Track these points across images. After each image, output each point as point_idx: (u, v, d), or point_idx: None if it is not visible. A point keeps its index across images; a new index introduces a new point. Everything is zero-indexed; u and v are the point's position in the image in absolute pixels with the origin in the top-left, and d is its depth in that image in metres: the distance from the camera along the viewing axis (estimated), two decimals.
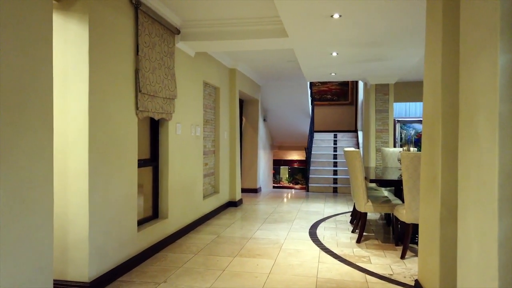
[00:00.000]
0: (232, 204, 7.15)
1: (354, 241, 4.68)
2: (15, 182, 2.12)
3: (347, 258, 3.99)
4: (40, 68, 2.30)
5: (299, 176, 17.43)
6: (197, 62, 5.42)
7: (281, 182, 17.45)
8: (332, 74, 7.51)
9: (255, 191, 9.06)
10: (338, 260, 3.94)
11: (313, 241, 4.68)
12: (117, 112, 3.43)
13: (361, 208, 4.66)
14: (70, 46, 3.04)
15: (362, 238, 4.70)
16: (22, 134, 2.17)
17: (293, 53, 5.99)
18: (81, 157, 3.03)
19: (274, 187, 13.42)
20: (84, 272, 3.03)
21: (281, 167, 17.60)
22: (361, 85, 11.34)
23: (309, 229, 5.31)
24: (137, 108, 3.74)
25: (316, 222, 5.81)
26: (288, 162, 16.99)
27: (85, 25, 3.02)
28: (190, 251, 4.23)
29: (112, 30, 3.34)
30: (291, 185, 17.09)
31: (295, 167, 17.42)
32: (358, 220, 5.04)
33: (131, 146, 3.68)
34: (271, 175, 12.75)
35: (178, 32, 4.60)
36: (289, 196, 8.70)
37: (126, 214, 3.61)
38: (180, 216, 4.88)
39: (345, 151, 5.04)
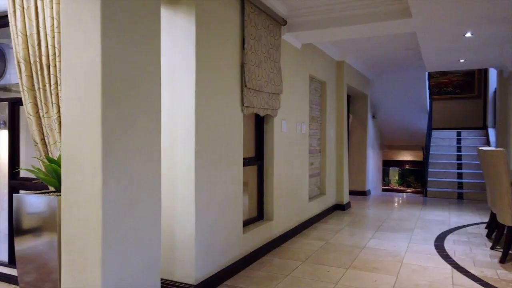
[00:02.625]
0: (339, 207, 6.65)
1: (496, 260, 3.81)
2: (123, 179, 2.06)
3: (491, 283, 3.22)
4: (148, 64, 2.21)
5: (412, 178, 15.89)
6: (303, 54, 5.09)
7: (390, 185, 16.13)
8: (461, 61, 6.45)
9: (363, 194, 8.37)
10: (479, 284, 3.19)
11: (442, 257, 3.95)
12: (223, 109, 3.29)
13: (506, 221, 3.78)
14: (177, 40, 2.96)
15: (508, 257, 3.81)
16: (131, 131, 2.10)
17: (413, 38, 5.24)
18: (188, 154, 2.94)
19: (383, 189, 12.39)
20: (191, 273, 2.93)
21: (390, 168, 16.27)
22: (492, 74, 9.68)
23: (435, 242, 4.54)
24: (242, 104, 3.55)
25: (442, 233, 4.98)
26: (399, 163, 15.60)
27: (192, 19, 2.92)
28: (297, 258, 3.90)
29: (218, 22, 3.20)
30: (402, 188, 15.67)
31: (407, 169, 15.93)
32: (500, 234, 4.13)
33: (236, 144, 3.51)
34: (381, 177, 11.77)
35: (285, 22, 4.32)
36: (403, 201, 7.81)
37: (232, 214, 3.45)
38: (286, 218, 4.60)
39: (481, 151, 4.17)
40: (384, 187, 13.66)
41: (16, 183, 3.40)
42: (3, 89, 4.76)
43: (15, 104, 3.46)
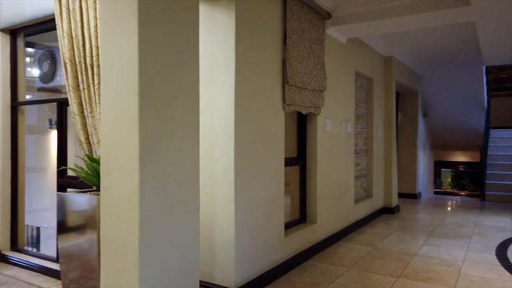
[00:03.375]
0: (388, 210, 6.30)
1: None
2: (161, 179, 2.00)
3: None
4: (186, 62, 2.14)
5: (466, 181, 14.89)
6: (348, 49, 4.85)
7: (442, 187, 15.23)
8: None
9: (413, 196, 7.89)
10: None
11: (505, 268, 3.57)
12: (263, 106, 3.17)
13: None
14: (216, 36, 2.89)
15: None
16: (168, 130, 2.04)
17: (470, 29, 4.82)
18: (227, 153, 2.85)
19: (435, 192, 11.68)
20: (230, 276, 2.84)
21: (442, 170, 15.36)
22: None
23: (496, 250, 4.13)
24: (284, 101, 3.41)
25: (504, 241, 4.53)
26: (452, 164, 14.67)
27: (231, 13, 2.83)
28: (343, 264, 3.70)
29: (259, 17, 3.09)
30: (455, 191, 14.73)
31: (461, 170, 14.96)
32: None
33: (278, 143, 3.38)
34: (432, 179, 11.11)
35: (329, 16, 4.12)
36: (457, 205, 7.28)
37: (273, 216, 3.32)
38: (330, 222, 4.39)
39: None
40: (436, 190, 12.89)
41: (64, 181, 3.50)
42: (53, 91, 4.96)
43: (62, 105, 3.56)
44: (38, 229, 6.23)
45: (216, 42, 2.89)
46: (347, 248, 4.24)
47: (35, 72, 4.96)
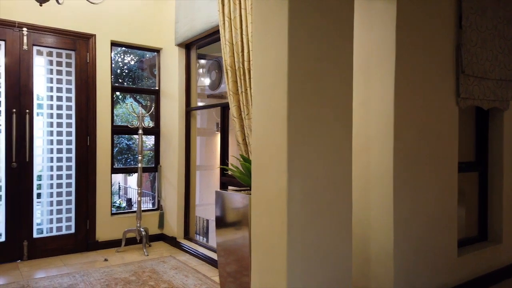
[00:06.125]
0: None
1: None
2: (309, 182, 1.88)
3: None
4: (338, 55, 1.98)
5: None
6: None
7: None
8: None
9: None
10: None
11: None
12: (430, 101, 2.72)
13: None
14: (373, 24, 2.61)
15: None
16: (318, 130, 1.91)
17: None
18: (385, 156, 2.53)
19: None
20: None
21: None
22: None
23: None
24: (458, 94, 2.86)
25: None
26: None
27: None
28: None
29: None
30: None
31: None
32: None
33: (449, 145, 2.85)
34: None
35: None
36: None
37: (442, 230, 2.82)
38: None
39: None
40: None
41: (226, 179, 3.77)
42: (219, 97, 5.46)
43: (225, 109, 3.85)
44: (207, 221, 7.03)
45: (373, 30, 2.61)
46: None
47: (206, 81, 5.58)
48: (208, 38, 4.15)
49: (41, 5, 2.76)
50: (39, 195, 4.12)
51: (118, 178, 11.92)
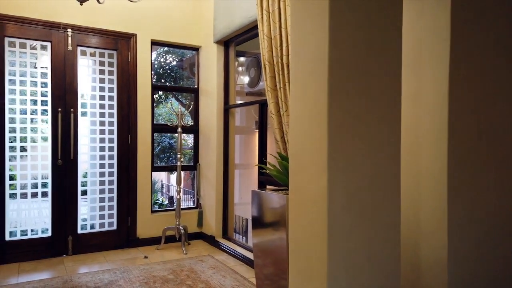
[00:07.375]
0: None
1: None
2: (352, 182, 1.72)
3: None
4: (385, 44, 1.80)
5: None
6: None
7: None
8: None
9: None
10: None
11: None
12: (493, 93, 2.44)
13: None
14: (425, 9, 2.38)
15: None
16: (362, 126, 1.74)
17: None
18: (437, 155, 2.30)
19: None
20: None
21: None
22: None
23: None
24: None
25: None
26: None
27: None
28: None
29: None
30: None
31: None
32: None
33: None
34: None
35: None
36: None
37: (504, 238, 2.52)
38: None
39: None
40: None
41: (264, 178, 3.66)
42: (258, 94, 5.34)
43: (263, 106, 3.74)
44: (246, 220, 6.97)
45: (424, 16, 2.38)
46: None
47: (245, 79, 5.49)
48: (246, 34, 4.06)
49: (81, 4, 2.80)
50: (84, 192, 4.23)
51: (161, 176, 12.22)
